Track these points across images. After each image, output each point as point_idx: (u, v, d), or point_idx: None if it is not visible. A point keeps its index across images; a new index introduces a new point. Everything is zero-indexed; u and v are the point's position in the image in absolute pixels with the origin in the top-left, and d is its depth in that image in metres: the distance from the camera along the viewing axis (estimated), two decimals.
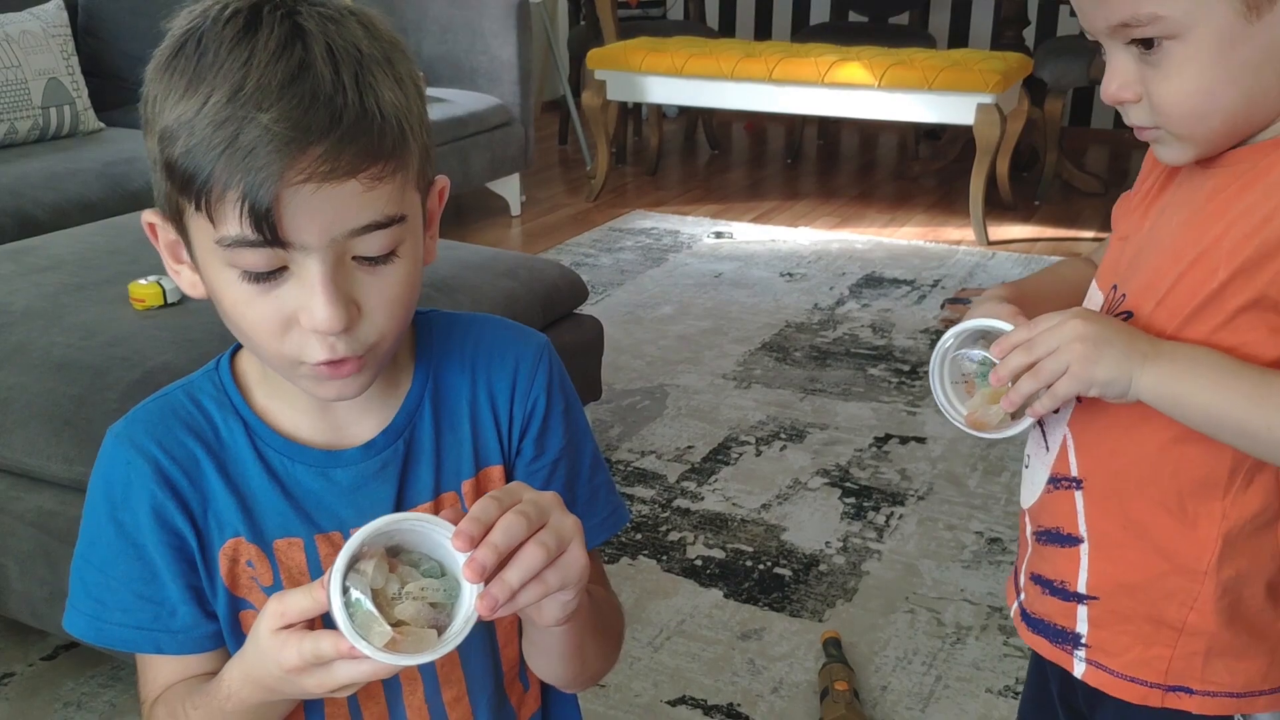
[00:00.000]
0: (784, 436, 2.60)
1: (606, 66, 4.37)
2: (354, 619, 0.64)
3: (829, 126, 5.74)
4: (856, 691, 1.72)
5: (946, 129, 4.98)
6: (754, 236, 4.10)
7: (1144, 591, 0.91)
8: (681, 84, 4.27)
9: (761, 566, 2.09)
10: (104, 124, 3.46)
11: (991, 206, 4.10)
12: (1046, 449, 0.97)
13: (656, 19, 5.64)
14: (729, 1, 6.14)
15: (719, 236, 4.08)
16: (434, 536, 0.67)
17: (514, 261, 2.33)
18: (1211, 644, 0.90)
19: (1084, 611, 0.95)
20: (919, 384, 2.85)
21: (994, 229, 4.09)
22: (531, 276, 2.28)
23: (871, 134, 5.85)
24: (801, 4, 5.98)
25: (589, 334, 2.41)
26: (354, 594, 0.65)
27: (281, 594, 0.68)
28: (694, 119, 5.66)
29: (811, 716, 1.72)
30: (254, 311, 0.72)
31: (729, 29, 6.13)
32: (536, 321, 2.17)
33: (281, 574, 0.81)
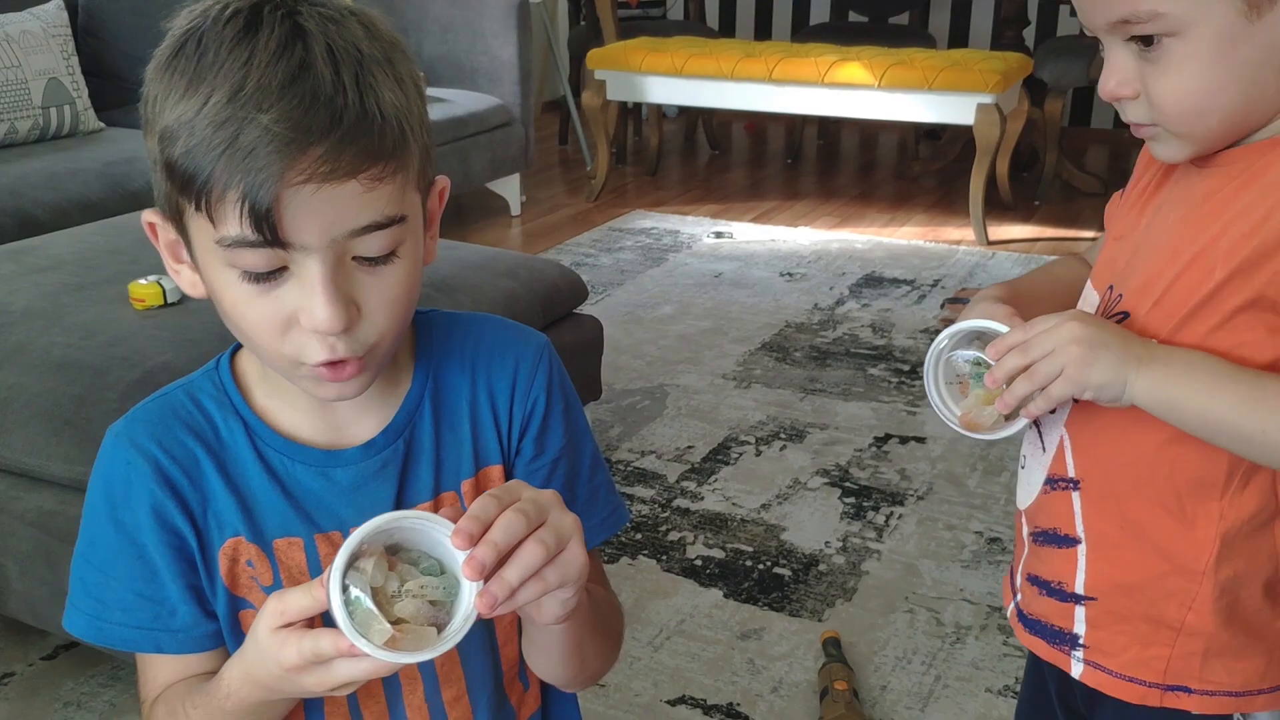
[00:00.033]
0: (784, 436, 2.60)
1: (606, 66, 4.37)
2: (354, 617, 0.64)
3: (829, 126, 5.74)
4: (856, 691, 1.72)
5: (946, 129, 4.98)
6: (754, 236, 4.10)
7: (1142, 592, 0.91)
8: (681, 84, 4.27)
9: (761, 566, 2.10)
10: (104, 124, 3.46)
11: (991, 206, 4.10)
12: (1043, 450, 0.97)
13: (656, 19, 5.64)
14: (729, 1, 6.14)
15: (719, 236, 4.08)
16: (433, 534, 0.67)
17: (514, 261, 2.34)
18: (1209, 644, 0.90)
19: (1081, 612, 0.95)
20: (919, 384, 2.85)
21: (994, 229, 4.09)
22: (531, 276, 2.28)
23: (871, 134, 5.85)
24: (801, 4, 5.98)
25: (589, 334, 2.41)
26: (354, 592, 0.65)
27: (281, 593, 0.69)
28: (694, 119, 5.66)
29: (811, 716, 1.72)
30: (254, 311, 0.72)
31: (729, 29, 6.14)
32: (536, 321, 2.17)
33: (281, 573, 0.81)
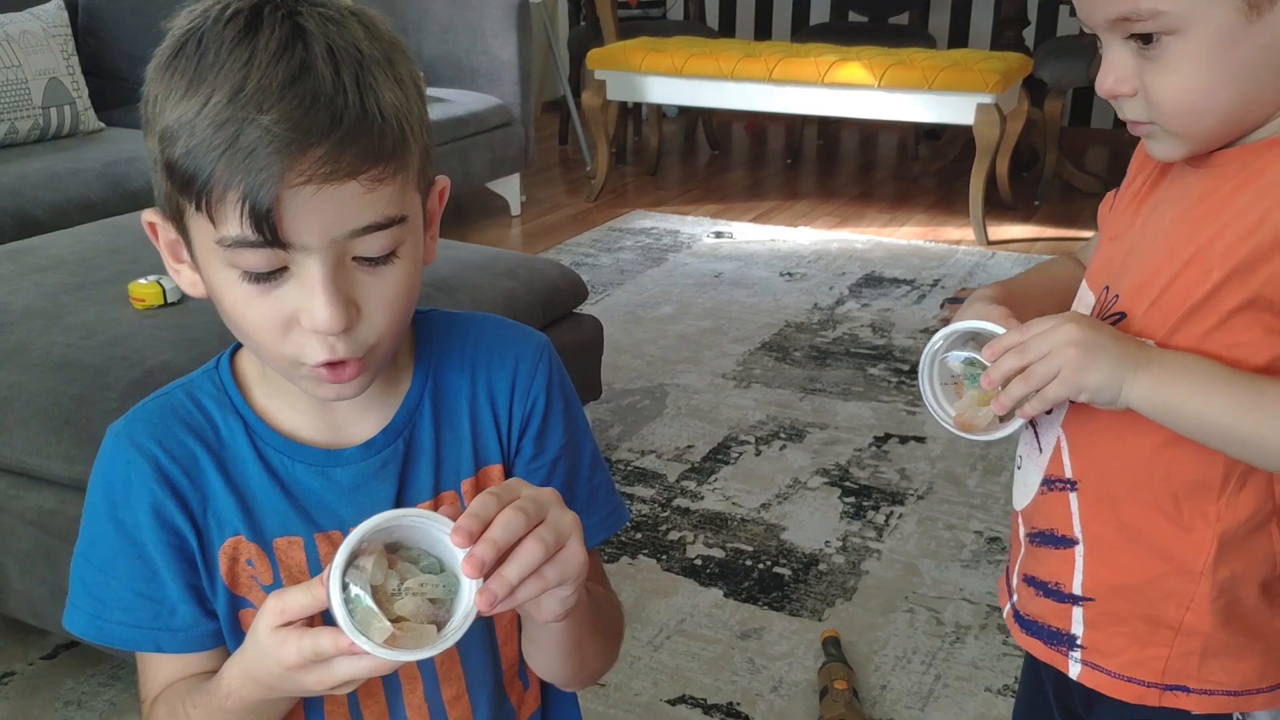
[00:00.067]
0: (784, 436, 2.60)
1: (606, 66, 4.37)
2: (354, 615, 0.64)
3: (829, 126, 5.74)
4: (856, 690, 1.72)
5: (946, 129, 4.98)
6: (754, 236, 4.10)
7: (1140, 593, 0.91)
8: (681, 84, 4.27)
9: (761, 566, 2.10)
10: (104, 124, 3.46)
11: (991, 206, 4.10)
12: (1040, 450, 0.97)
13: (656, 19, 5.64)
14: (729, 1, 6.14)
15: (719, 236, 4.08)
16: (433, 532, 0.68)
17: (514, 261, 2.34)
18: (1207, 644, 0.89)
19: (1079, 613, 0.95)
20: (918, 384, 2.85)
21: (994, 229, 4.09)
22: (531, 276, 2.28)
23: (871, 134, 5.85)
24: (801, 4, 5.98)
25: (589, 334, 2.41)
26: (354, 590, 0.65)
27: (280, 591, 0.69)
28: (694, 119, 5.66)
29: (811, 715, 1.72)
30: (254, 311, 0.72)
31: (729, 29, 6.14)
32: (536, 321, 2.17)
33: (281, 573, 0.81)
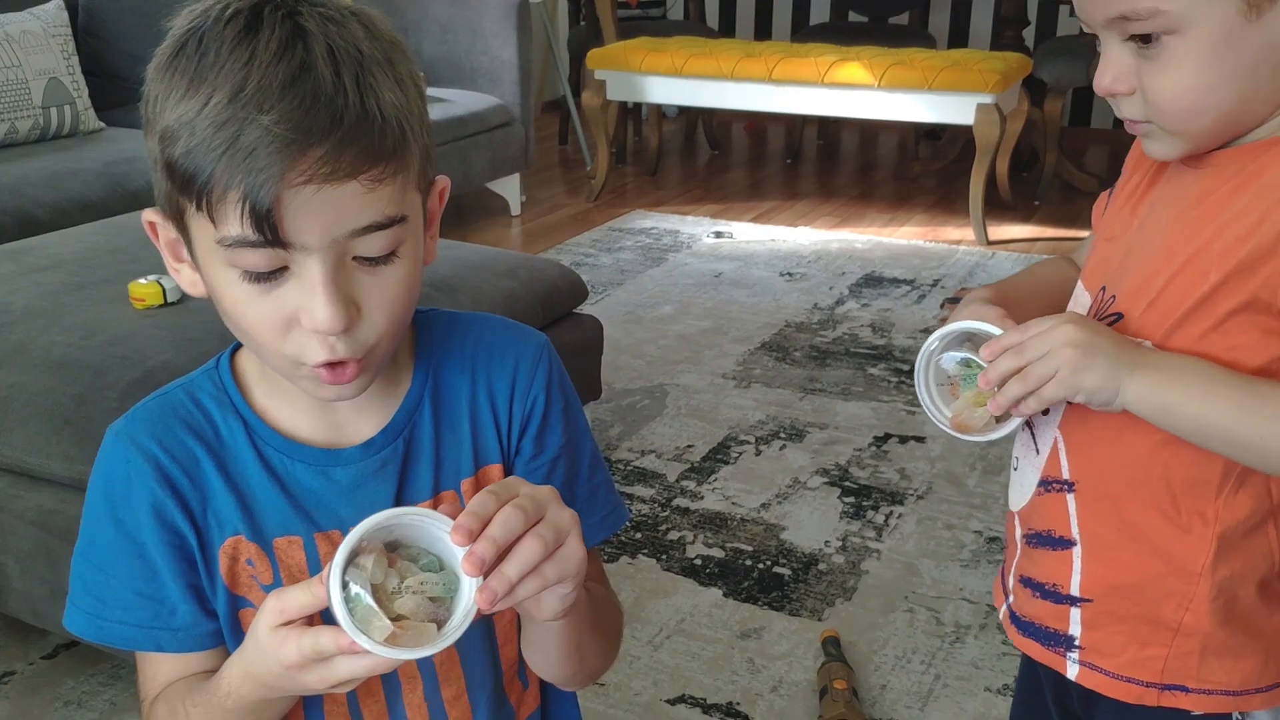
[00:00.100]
0: (783, 436, 2.60)
1: (606, 66, 4.37)
2: (354, 614, 0.64)
3: (829, 126, 5.74)
4: (855, 690, 1.72)
5: (946, 129, 4.98)
6: (754, 236, 4.10)
7: (1139, 593, 0.91)
8: (681, 84, 4.27)
9: (761, 566, 2.10)
10: (104, 124, 3.46)
11: (991, 206, 4.11)
12: (1036, 452, 0.97)
13: (656, 19, 5.64)
14: (729, 1, 6.14)
15: (719, 236, 4.08)
16: (432, 531, 0.68)
17: (514, 261, 2.34)
18: (1206, 643, 0.89)
19: (1077, 614, 0.94)
20: None
21: (994, 229, 4.09)
22: (531, 276, 2.28)
23: (871, 134, 5.85)
24: (801, 4, 5.98)
25: (589, 333, 2.41)
26: (354, 589, 0.65)
27: (280, 591, 0.69)
28: (694, 119, 5.66)
29: (811, 715, 1.72)
30: (254, 311, 0.72)
31: (729, 29, 6.14)
32: (536, 321, 2.17)
33: (281, 572, 0.81)
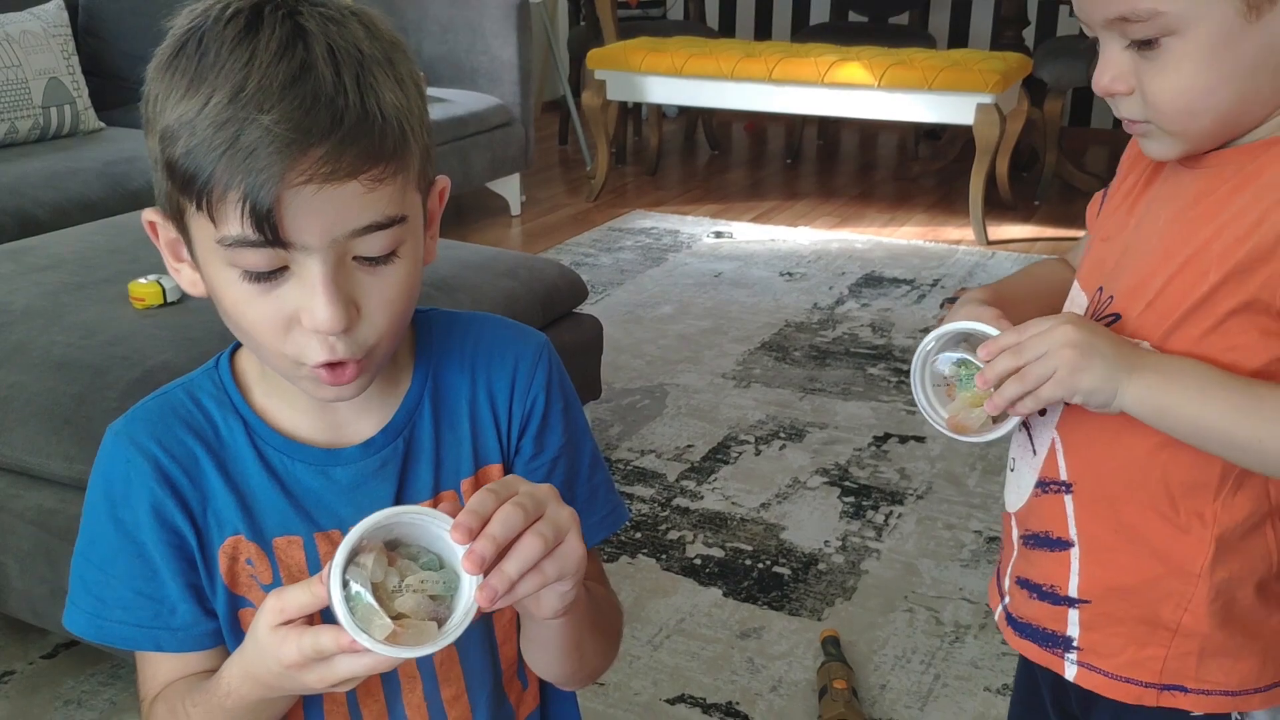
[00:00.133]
0: (783, 436, 2.60)
1: (606, 66, 4.37)
2: (355, 612, 0.64)
3: (829, 126, 5.74)
4: (855, 690, 1.72)
5: (946, 129, 4.98)
6: (754, 236, 4.10)
7: (1137, 594, 0.91)
8: (681, 84, 4.27)
9: (761, 565, 2.10)
10: (104, 123, 3.46)
11: (991, 206, 4.11)
12: (1034, 453, 0.97)
13: (656, 19, 5.64)
14: (729, 1, 6.14)
15: (719, 236, 4.08)
16: (432, 529, 0.68)
17: (514, 261, 2.34)
18: (1205, 644, 0.89)
19: (1075, 615, 0.94)
20: None
21: (994, 229, 4.09)
22: (531, 276, 2.28)
23: (871, 134, 5.85)
24: (801, 4, 5.98)
25: (589, 333, 2.41)
26: (354, 587, 0.65)
27: (280, 590, 0.69)
28: (694, 119, 5.66)
29: (810, 715, 1.72)
30: (254, 311, 0.72)
31: (729, 29, 6.14)
32: (536, 321, 2.17)
33: (281, 572, 0.81)
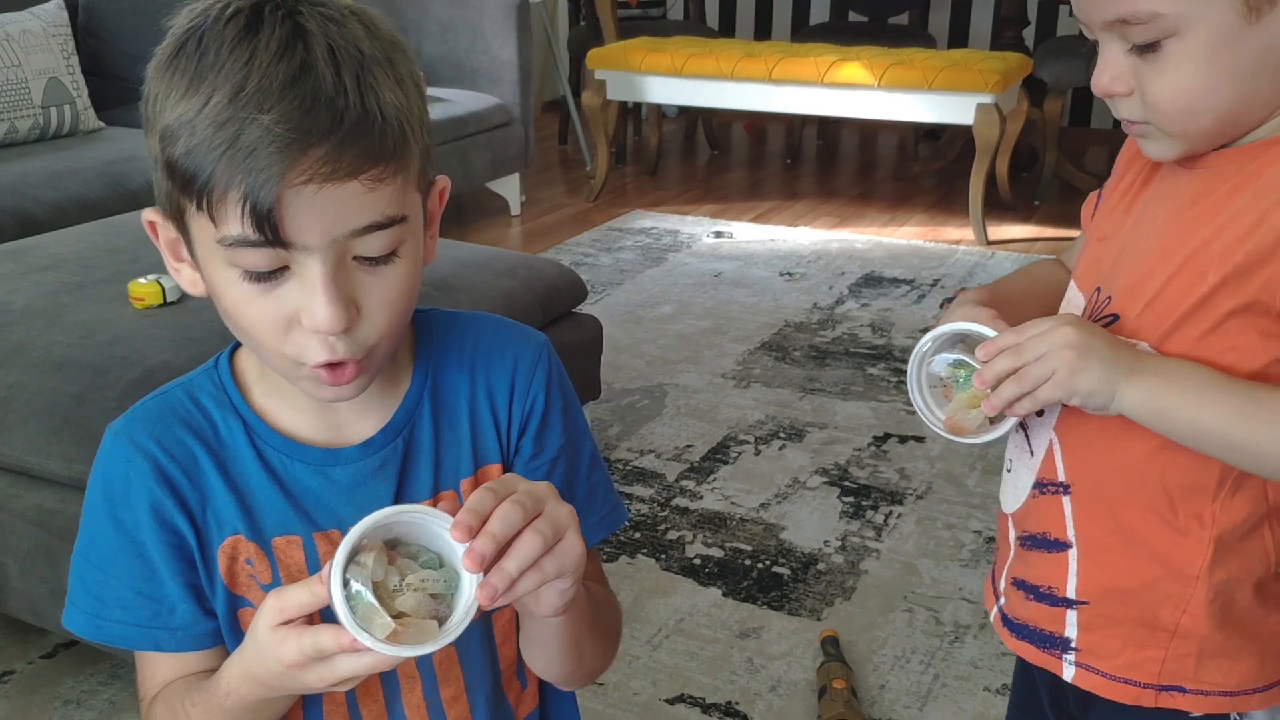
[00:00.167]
0: (783, 436, 2.60)
1: (606, 66, 4.37)
2: (355, 611, 0.64)
3: (828, 126, 5.74)
4: (855, 690, 1.72)
5: (946, 129, 4.98)
6: (753, 236, 4.10)
7: (1136, 596, 0.90)
8: (681, 84, 4.27)
9: (760, 565, 2.10)
10: (104, 123, 3.46)
11: (991, 206, 4.11)
12: (1031, 454, 0.96)
13: (656, 19, 5.64)
14: (729, 1, 6.14)
15: (719, 236, 4.08)
16: (431, 528, 0.68)
17: (513, 261, 2.34)
18: (1203, 645, 0.89)
19: (1073, 616, 0.94)
20: None
21: (993, 229, 4.09)
22: (531, 276, 2.28)
23: (871, 134, 5.85)
24: (801, 4, 5.98)
25: (588, 333, 2.41)
26: (355, 586, 0.65)
27: (279, 590, 0.69)
28: (694, 119, 5.66)
29: (810, 715, 1.72)
30: (255, 311, 0.72)
31: (729, 29, 6.14)
32: (536, 321, 2.17)
33: (280, 572, 0.81)
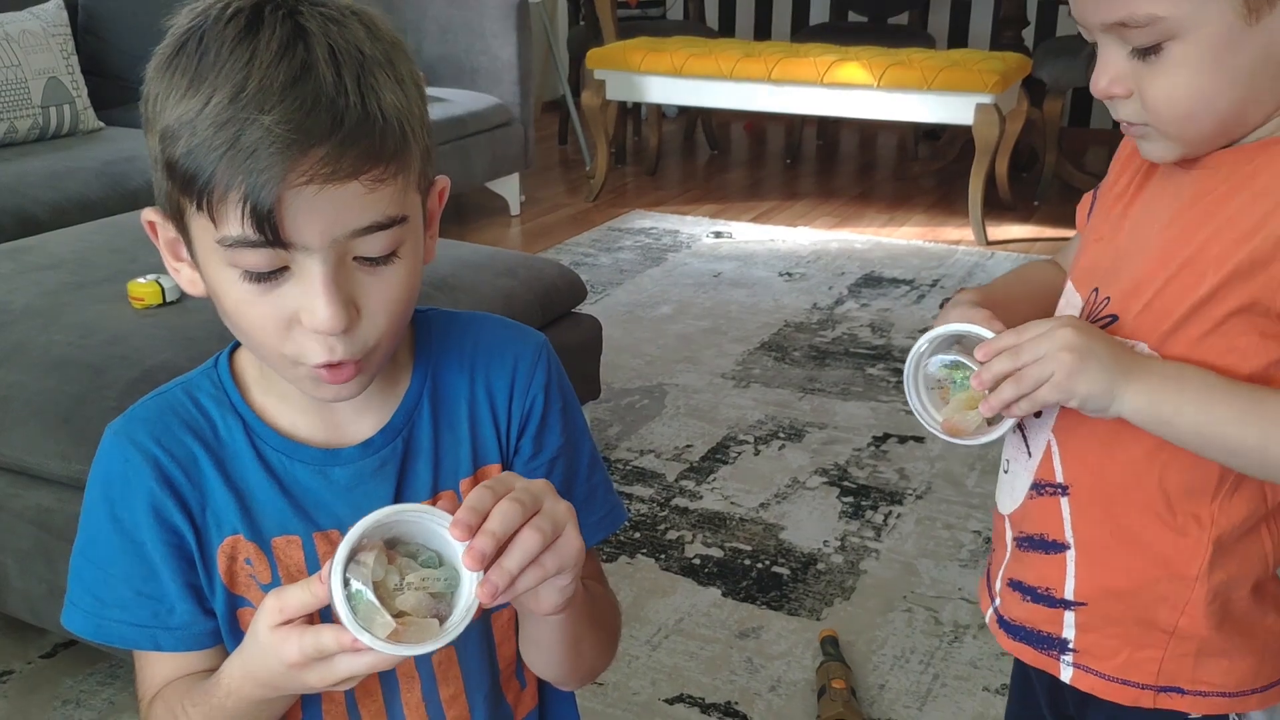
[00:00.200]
0: (782, 436, 2.60)
1: (606, 66, 4.37)
2: (356, 611, 0.64)
3: (828, 126, 5.74)
4: (854, 690, 1.72)
5: (946, 129, 4.98)
6: (753, 236, 4.10)
7: (1134, 597, 0.90)
8: (681, 84, 4.27)
9: (760, 565, 2.10)
10: (103, 123, 3.46)
11: (991, 206, 4.11)
12: (1029, 455, 0.96)
13: (656, 19, 5.64)
14: (729, 1, 6.14)
15: (718, 236, 4.08)
16: (431, 527, 0.68)
17: (513, 261, 2.34)
18: (1202, 646, 0.89)
19: (1071, 617, 0.94)
20: None
21: (993, 229, 4.09)
22: (530, 276, 2.28)
23: (871, 134, 5.85)
24: (801, 4, 5.98)
25: (588, 333, 2.41)
26: (355, 586, 0.65)
27: (279, 590, 0.69)
28: (694, 119, 5.66)
29: (809, 715, 1.72)
30: (255, 311, 0.72)
31: (729, 29, 6.14)
32: (535, 320, 2.17)
33: (280, 572, 0.81)
